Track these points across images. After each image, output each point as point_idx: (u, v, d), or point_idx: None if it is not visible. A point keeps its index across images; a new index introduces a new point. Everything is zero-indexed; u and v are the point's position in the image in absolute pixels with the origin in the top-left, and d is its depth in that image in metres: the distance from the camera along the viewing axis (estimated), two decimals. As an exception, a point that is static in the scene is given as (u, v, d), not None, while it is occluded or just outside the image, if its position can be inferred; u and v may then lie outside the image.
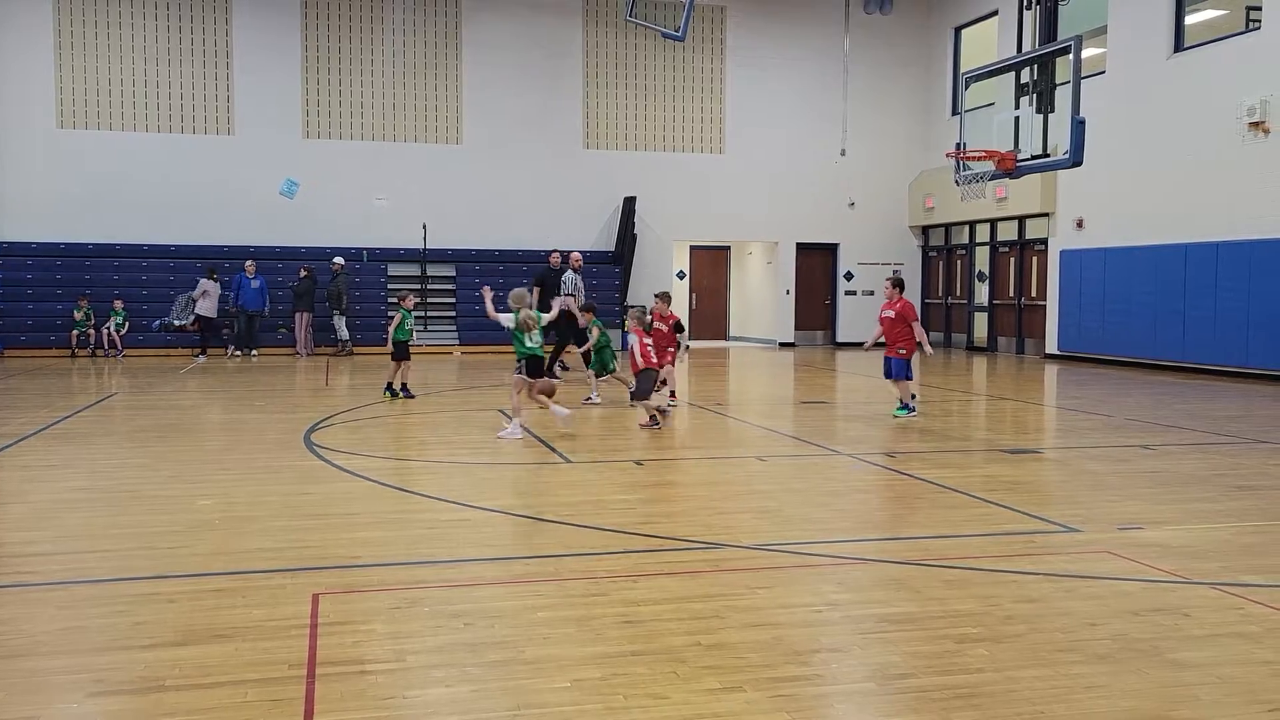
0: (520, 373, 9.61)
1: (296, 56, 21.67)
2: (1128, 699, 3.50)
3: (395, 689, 3.57)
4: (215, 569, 5.07)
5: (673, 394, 11.95)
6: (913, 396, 10.95)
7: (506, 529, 6.08)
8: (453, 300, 21.99)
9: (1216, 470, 7.94)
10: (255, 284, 19.59)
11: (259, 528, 6.05)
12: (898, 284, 11.06)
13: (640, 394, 10.23)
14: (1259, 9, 15.86)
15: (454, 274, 22.13)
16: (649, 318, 11.35)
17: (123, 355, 18.95)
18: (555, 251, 17.32)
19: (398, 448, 8.92)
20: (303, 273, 19.91)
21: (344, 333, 19.88)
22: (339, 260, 20.22)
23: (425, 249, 21.67)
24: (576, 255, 16.26)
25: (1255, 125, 15.53)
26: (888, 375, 10.98)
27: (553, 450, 8.78)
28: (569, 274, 15.44)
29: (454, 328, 21.63)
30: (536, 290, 16.28)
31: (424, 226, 21.49)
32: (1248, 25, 16.38)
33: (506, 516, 6.33)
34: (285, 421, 10.27)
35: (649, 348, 10.44)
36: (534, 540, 5.80)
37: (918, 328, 10.91)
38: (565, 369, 15.58)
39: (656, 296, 12.05)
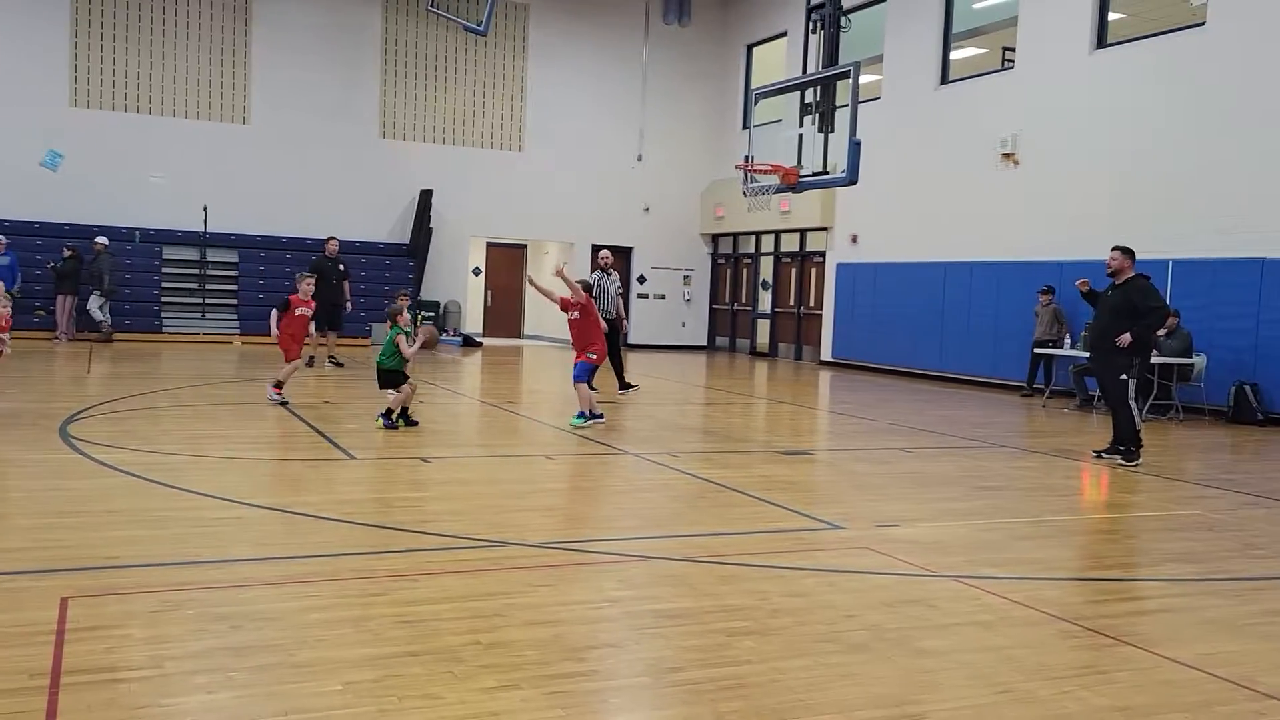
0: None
1: (64, 16, 20.03)
2: (878, 686, 3.76)
3: (150, 697, 3.38)
4: (-52, 572, 4.64)
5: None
6: (595, 413, 10.24)
7: (282, 527, 5.86)
8: (234, 288, 20.91)
9: (965, 472, 8.64)
10: (5, 260, 17.95)
11: (2, 526, 5.57)
12: (588, 288, 10.76)
13: None
14: (1014, 50, 17.35)
15: (236, 260, 21.07)
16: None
17: None
18: (332, 238, 16.66)
19: (167, 441, 8.42)
20: (67, 252, 18.41)
21: (100, 315, 18.46)
22: (102, 240, 18.77)
23: (205, 232, 20.51)
24: (604, 253, 13.96)
25: (1007, 156, 16.99)
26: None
27: (336, 446, 8.53)
28: (595, 274, 13.56)
29: (235, 317, 20.58)
30: (313, 279, 15.61)
31: (205, 209, 20.34)
32: (1003, 64, 17.88)
33: (283, 514, 6.10)
34: (39, 411, 9.49)
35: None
36: (312, 539, 5.62)
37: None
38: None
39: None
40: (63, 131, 19.81)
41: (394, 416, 9.60)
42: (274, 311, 11.21)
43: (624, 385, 13.45)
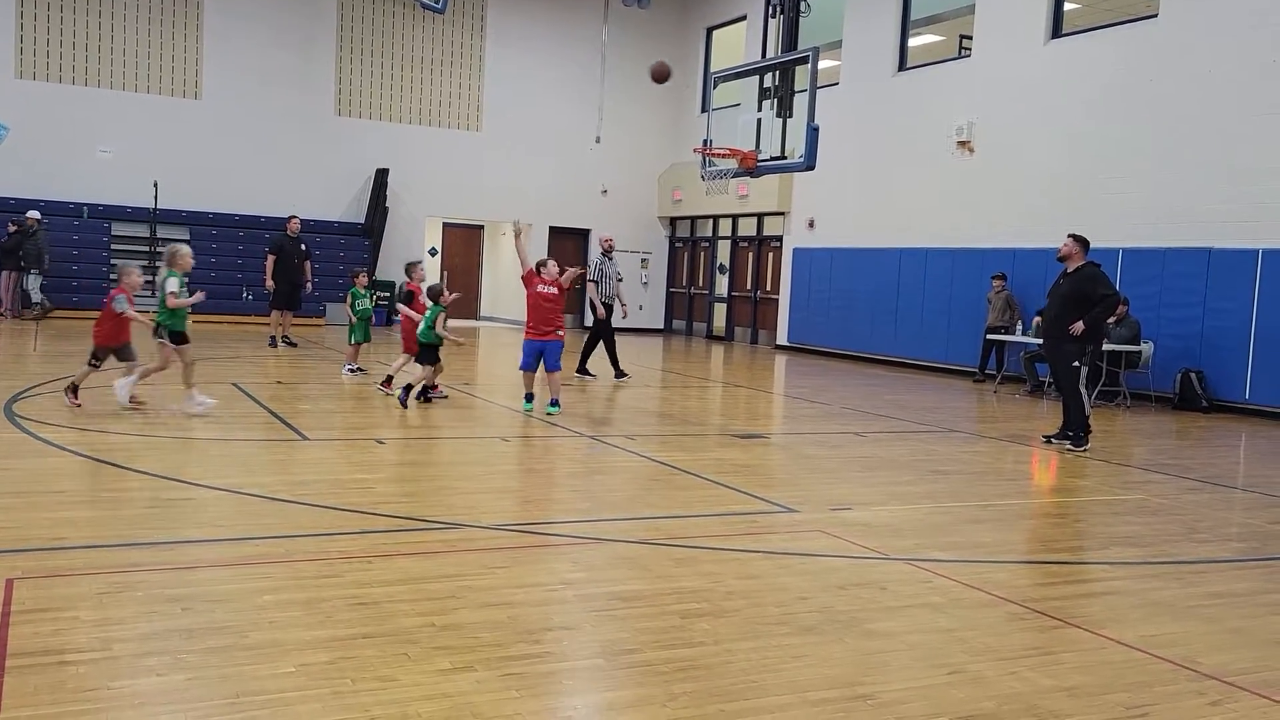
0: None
1: (7, -16, 19.50)
2: (829, 667, 3.81)
3: (99, 680, 3.34)
4: (-113, 554, 4.54)
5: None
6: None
7: (234, 508, 5.79)
8: (184, 265, 20.54)
9: (916, 456, 8.75)
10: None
11: (-57, 508, 5.46)
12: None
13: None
14: (971, 38, 17.49)
15: (188, 237, 20.65)
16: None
17: None
18: (294, 217, 16.45)
19: (116, 421, 8.28)
20: (12, 227, 17.94)
21: (38, 294, 17.96)
22: (34, 214, 18.19)
23: (156, 209, 20.10)
24: (607, 237, 13.89)
25: (962, 144, 17.15)
26: (544, 366, 9.88)
27: (289, 426, 8.44)
28: (597, 257, 13.58)
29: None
30: (273, 258, 15.54)
31: (155, 184, 19.93)
32: (960, 52, 18.03)
33: (236, 495, 6.03)
34: (-21, 390, 9.29)
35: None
36: (264, 520, 5.57)
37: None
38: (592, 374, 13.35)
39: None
40: (8, 103, 19.30)
41: (414, 393, 9.87)
42: (400, 305, 11.22)
43: (619, 372, 13.25)
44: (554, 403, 9.91)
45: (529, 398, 10.07)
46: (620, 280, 13.62)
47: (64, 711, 3.10)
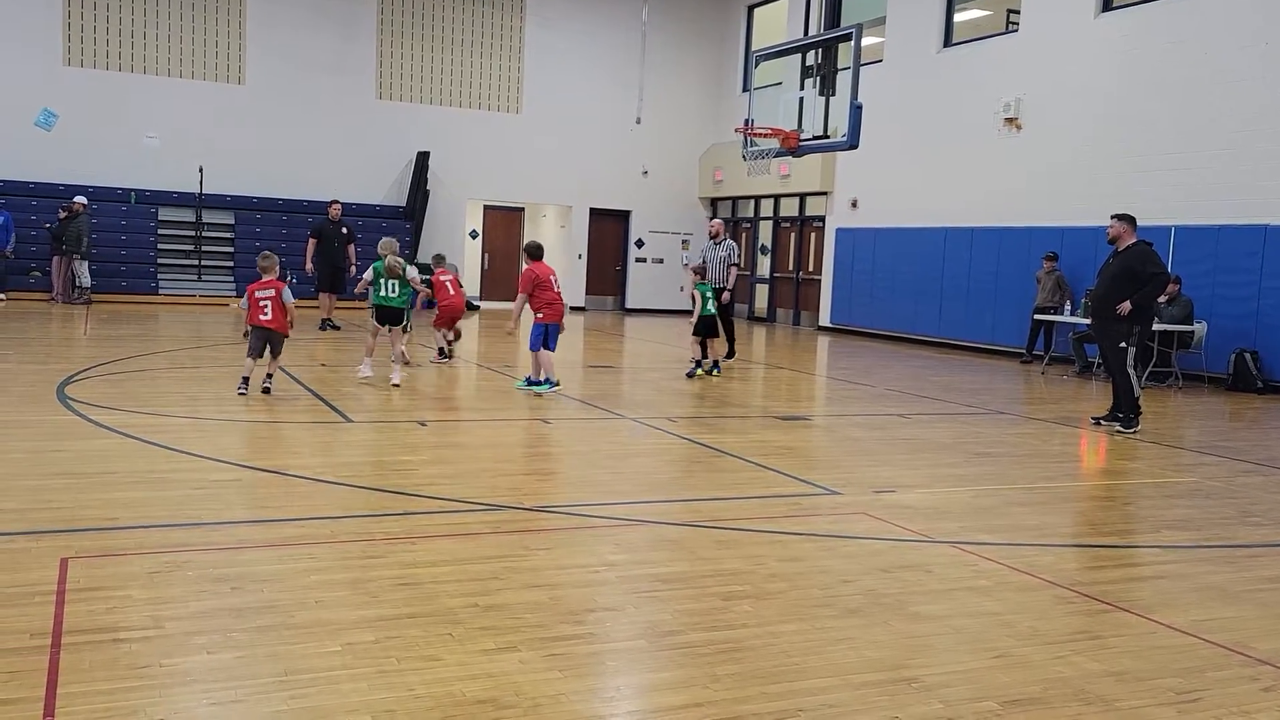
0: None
1: (55, -27, 19.78)
2: (873, 650, 3.78)
3: (151, 657, 3.40)
4: (-53, 533, 4.65)
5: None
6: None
7: (281, 490, 5.87)
8: (230, 249, 20.83)
9: (961, 438, 8.65)
10: (-1, 220, 17.80)
11: (1, 487, 5.58)
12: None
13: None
14: (1018, 12, 17.16)
15: (233, 222, 20.95)
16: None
17: None
18: (335, 202, 16.62)
19: (164, 403, 8.41)
20: (62, 213, 18.27)
21: (85, 279, 18.22)
22: (80, 200, 18.44)
23: (201, 194, 20.37)
24: (715, 221, 13.52)
25: (1010, 121, 16.86)
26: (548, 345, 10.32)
27: (333, 409, 8.53)
28: (708, 244, 13.25)
29: (231, 278, 20.51)
30: (313, 242, 15.75)
31: (200, 170, 20.21)
32: (1007, 27, 17.70)
33: (281, 477, 6.11)
34: (36, 372, 9.48)
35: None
36: (310, 501, 5.64)
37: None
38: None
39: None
40: (57, 91, 19.63)
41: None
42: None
43: (730, 353, 13.37)
44: (543, 381, 10.09)
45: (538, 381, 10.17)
46: (735, 265, 13.10)
47: (118, 688, 3.16)
